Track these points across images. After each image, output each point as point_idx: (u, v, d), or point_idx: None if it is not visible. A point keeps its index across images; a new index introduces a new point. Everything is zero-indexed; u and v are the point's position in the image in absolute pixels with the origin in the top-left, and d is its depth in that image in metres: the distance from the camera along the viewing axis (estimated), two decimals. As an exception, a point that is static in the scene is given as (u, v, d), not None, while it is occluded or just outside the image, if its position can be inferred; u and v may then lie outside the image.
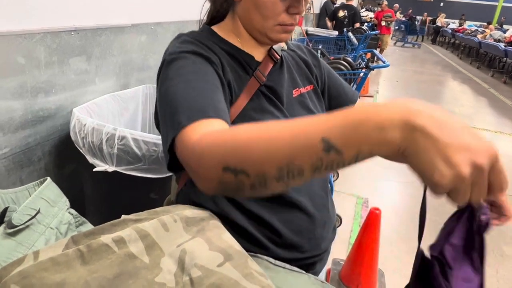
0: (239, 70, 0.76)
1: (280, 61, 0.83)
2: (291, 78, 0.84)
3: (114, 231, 0.38)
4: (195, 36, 0.75)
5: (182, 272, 0.35)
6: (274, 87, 0.79)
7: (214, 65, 0.69)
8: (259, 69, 0.78)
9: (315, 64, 0.93)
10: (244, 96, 0.74)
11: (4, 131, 1.26)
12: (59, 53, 1.41)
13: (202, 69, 0.65)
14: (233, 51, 0.77)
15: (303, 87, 0.86)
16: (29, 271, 0.33)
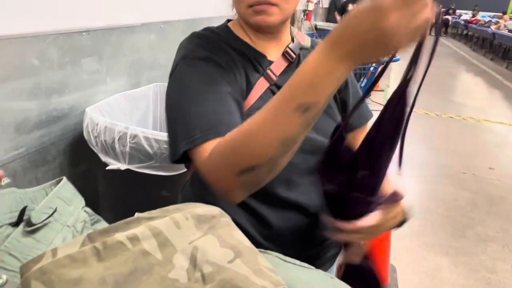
0: (250, 69, 0.75)
1: (297, 60, 0.79)
2: None
3: (128, 229, 0.39)
4: (207, 36, 0.74)
5: (194, 268, 0.36)
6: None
7: (227, 70, 0.69)
8: (270, 68, 0.76)
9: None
10: (252, 95, 0.73)
11: (20, 131, 1.29)
12: (71, 54, 1.43)
13: (215, 79, 0.66)
14: (244, 49, 0.75)
15: None
16: (48, 268, 0.34)
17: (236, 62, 0.72)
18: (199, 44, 0.72)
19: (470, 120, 4.88)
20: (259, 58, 0.76)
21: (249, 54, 0.75)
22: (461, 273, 2.11)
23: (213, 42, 0.73)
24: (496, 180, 3.22)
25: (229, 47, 0.74)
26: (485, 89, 6.86)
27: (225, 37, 0.76)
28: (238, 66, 0.72)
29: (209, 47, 0.71)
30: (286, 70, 0.78)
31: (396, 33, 0.42)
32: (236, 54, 0.73)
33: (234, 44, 0.75)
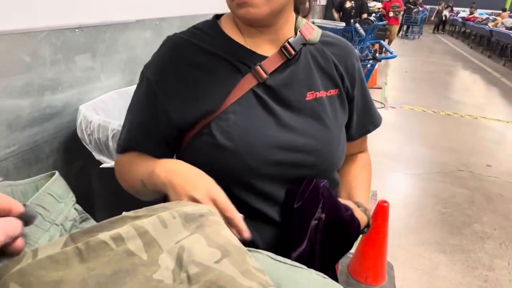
0: (229, 71, 0.69)
1: (297, 56, 0.72)
2: (307, 79, 0.73)
3: (112, 228, 0.38)
4: (182, 39, 0.71)
5: (180, 268, 0.35)
6: (274, 88, 0.70)
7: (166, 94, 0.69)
8: (261, 64, 0.68)
9: (350, 70, 0.78)
10: (232, 97, 0.67)
11: (12, 129, 1.27)
12: (64, 51, 1.41)
13: (145, 103, 0.72)
14: (228, 47, 0.70)
15: (323, 91, 0.74)
16: (27, 269, 0.33)
17: (212, 67, 0.68)
18: (162, 59, 0.70)
19: (467, 118, 4.88)
20: (245, 55, 0.70)
21: (233, 51, 0.70)
22: (459, 270, 2.10)
23: (183, 48, 0.70)
24: (493, 177, 3.23)
25: (211, 47, 0.69)
26: (482, 87, 6.87)
27: (209, 36, 0.71)
28: (216, 69, 0.68)
29: (169, 62, 0.69)
30: (282, 67, 0.70)
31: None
32: (217, 56, 0.69)
33: (217, 43, 0.70)
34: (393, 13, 9.00)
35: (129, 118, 0.75)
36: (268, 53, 0.71)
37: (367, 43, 5.19)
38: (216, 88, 0.68)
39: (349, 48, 0.81)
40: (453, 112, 5.05)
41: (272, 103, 0.69)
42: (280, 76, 0.70)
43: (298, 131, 0.69)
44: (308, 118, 0.71)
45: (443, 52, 10.73)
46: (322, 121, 0.72)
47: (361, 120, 0.83)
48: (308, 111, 0.71)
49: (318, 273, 0.44)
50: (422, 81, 6.74)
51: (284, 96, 0.70)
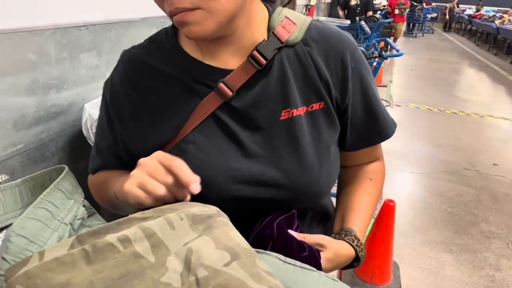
0: (185, 94, 0.59)
1: (268, 65, 0.58)
2: (282, 93, 0.59)
3: (119, 230, 0.37)
4: (135, 58, 0.64)
5: (188, 272, 0.35)
6: (240, 109, 0.58)
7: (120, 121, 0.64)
8: (224, 80, 0.57)
9: (340, 73, 0.62)
10: (189, 124, 0.59)
11: (18, 127, 1.27)
12: (69, 49, 1.41)
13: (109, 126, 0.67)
14: (183, 65, 0.60)
15: (304, 106, 0.60)
16: (34, 272, 0.32)
17: (166, 91, 0.60)
18: (115, 80, 0.65)
19: (474, 116, 4.84)
20: (202, 73, 0.59)
21: (189, 70, 0.60)
22: (465, 270, 2.09)
23: (134, 75, 0.63)
24: (500, 176, 3.20)
25: (165, 65, 0.61)
26: (489, 84, 6.81)
27: (163, 50, 0.62)
28: (171, 93, 0.60)
29: (121, 88, 0.63)
30: (250, 81, 0.58)
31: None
32: (171, 77, 0.60)
33: (172, 60, 0.61)
34: (399, 10, 8.93)
35: (96, 140, 0.71)
36: (231, 65, 0.59)
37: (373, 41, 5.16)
38: (172, 115, 0.59)
39: (341, 41, 0.62)
40: (459, 111, 5.00)
41: (237, 128, 0.59)
42: (248, 94, 0.58)
43: (268, 160, 0.59)
44: (282, 143, 0.59)
45: (449, 50, 10.65)
46: (298, 146, 0.59)
47: (363, 131, 0.68)
48: (282, 134, 0.59)
49: (328, 275, 0.43)
50: (428, 79, 6.69)
51: (253, 117, 0.59)
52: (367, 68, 0.66)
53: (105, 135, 0.68)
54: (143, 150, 0.60)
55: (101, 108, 0.69)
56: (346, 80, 0.62)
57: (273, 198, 0.59)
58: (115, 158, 0.69)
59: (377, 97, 0.68)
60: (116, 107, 0.64)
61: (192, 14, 0.50)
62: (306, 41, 0.61)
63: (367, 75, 0.65)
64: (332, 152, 0.64)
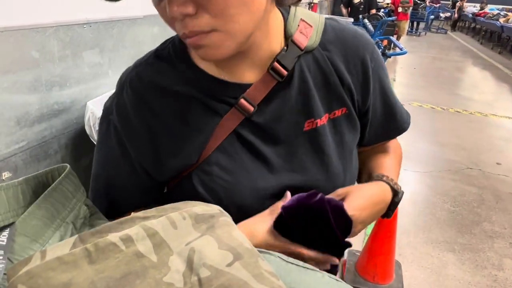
0: (204, 114, 0.55)
1: (289, 76, 0.55)
2: (305, 104, 0.57)
3: (121, 229, 0.37)
4: (142, 81, 0.57)
5: (191, 271, 0.34)
6: (264, 125, 0.56)
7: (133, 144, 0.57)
8: (244, 96, 0.54)
9: (360, 75, 0.60)
10: (211, 144, 0.55)
11: (21, 125, 1.27)
12: (72, 46, 1.41)
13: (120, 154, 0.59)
14: (199, 83, 0.55)
15: (326, 114, 0.58)
16: (35, 271, 0.32)
17: (183, 113, 0.56)
18: (123, 106, 0.57)
19: (477, 115, 4.81)
20: (221, 91, 0.55)
21: (205, 88, 0.55)
22: (467, 269, 2.08)
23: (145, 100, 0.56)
24: (503, 175, 3.18)
25: (179, 86, 0.55)
26: (492, 83, 6.77)
27: (174, 69, 0.56)
28: (188, 115, 0.56)
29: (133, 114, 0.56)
30: (271, 94, 0.55)
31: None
32: (187, 97, 0.55)
33: (186, 79, 0.56)
34: (402, 8, 8.89)
35: (105, 175, 0.62)
36: (250, 79, 0.55)
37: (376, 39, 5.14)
38: (192, 137, 0.56)
39: (360, 41, 0.60)
40: (463, 109, 4.98)
41: (260, 144, 0.56)
42: (269, 107, 0.56)
43: (294, 171, 0.58)
44: (307, 154, 0.58)
45: (453, 48, 10.60)
46: (323, 155, 0.58)
47: (381, 128, 0.67)
48: (306, 145, 0.58)
49: (331, 275, 0.43)
50: (431, 77, 6.66)
51: (275, 131, 0.57)
52: (382, 64, 0.64)
53: (117, 166, 0.59)
54: (163, 175, 0.58)
55: (105, 137, 0.59)
56: (368, 82, 0.61)
57: None
58: (137, 191, 0.61)
59: (393, 92, 0.67)
60: (129, 133, 0.57)
61: (208, 37, 0.46)
62: (324, 45, 0.58)
63: (384, 71, 0.64)
64: (354, 155, 0.64)
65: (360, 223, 0.56)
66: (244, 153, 0.56)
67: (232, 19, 0.45)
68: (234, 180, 0.55)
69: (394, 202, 0.62)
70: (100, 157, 0.62)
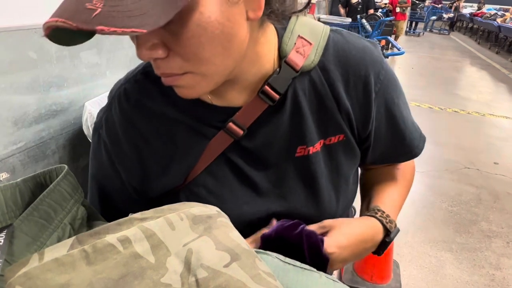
0: (191, 136, 0.54)
1: (282, 100, 0.52)
2: (297, 130, 0.54)
3: (119, 231, 0.37)
4: (130, 100, 0.55)
5: (188, 272, 0.35)
6: (253, 149, 0.54)
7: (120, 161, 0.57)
8: (233, 119, 0.52)
9: (360, 98, 0.55)
10: (198, 166, 0.54)
11: (19, 125, 1.27)
12: (70, 47, 1.41)
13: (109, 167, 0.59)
14: (186, 106, 0.53)
15: (321, 140, 0.56)
16: (33, 272, 0.32)
17: (170, 136, 0.55)
18: (112, 123, 0.56)
19: (474, 114, 4.83)
20: (208, 114, 0.53)
21: (193, 112, 0.53)
22: (465, 269, 2.09)
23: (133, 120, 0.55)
24: (500, 175, 3.19)
25: (166, 108, 0.54)
26: (490, 83, 6.79)
27: (161, 89, 0.53)
28: (175, 137, 0.55)
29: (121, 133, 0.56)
30: (262, 118, 0.52)
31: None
32: (174, 120, 0.54)
33: (172, 100, 0.52)
34: (400, 8, 8.91)
35: (97, 181, 0.62)
36: (239, 102, 0.53)
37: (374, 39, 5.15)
38: (180, 159, 0.55)
39: (365, 60, 0.54)
40: (460, 109, 5.00)
41: (248, 168, 0.55)
42: (259, 132, 0.53)
43: (282, 197, 0.56)
44: (297, 180, 0.56)
45: (451, 48, 10.62)
46: (314, 183, 0.56)
47: (387, 152, 0.63)
48: (297, 171, 0.56)
49: (328, 276, 0.43)
50: (429, 77, 6.67)
51: (265, 156, 0.55)
52: (394, 85, 0.59)
53: (109, 179, 0.60)
54: (152, 192, 0.58)
55: (97, 150, 0.59)
56: (369, 106, 0.56)
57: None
58: (127, 201, 0.61)
59: (405, 116, 0.61)
60: (117, 152, 0.56)
61: (182, 79, 0.43)
62: (323, 64, 0.53)
63: (395, 93, 0.58)
64: (351, 181, 0.61)
65: (340, 261, 0.53)
66: (232, 177, 0.55)
67: (207, 62, 0.42)
68: (221, 204, 0.51)
69: (384, 242, 0.59)
70: (93, 165, 0.62)
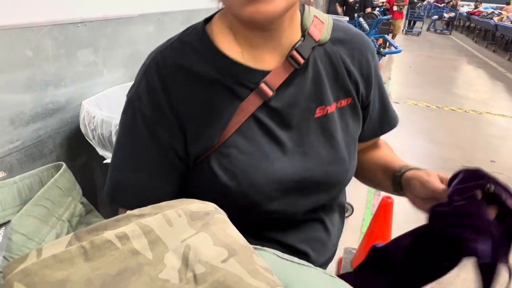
0: (226, 97, 0.58)
1: (305, 65, 0.59)
2: (317, 91, 0.62)
3: (117, 227, 0.37)
4: (169, 62, 0.58)
5: (186, 268, 0.35)
6: (280, 110, 0.59)
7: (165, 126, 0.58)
8: (265, 80, 0.57)
9: (364, 72, 0.67)
10: (230, 127, 0.57)
11: (15, 124, 1.27)
12: (66, 46, 1.41)
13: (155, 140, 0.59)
14: (222, 67, 0.57)
15: (334, 103, 0.63)
16: (31, 269, 0.33)
17: (206, 95, 0.58)
18: (152, 89, 0.57)
19: (471, 113, 4.85)
20: (242, 75, 0.57)
21: (228, 72, 0.58)
22: (462, 266, 2.10)
23: (173, 81, 0.57)
24: (497, 173, 3.20)
25: (204, 70, 0.58)
26: (487, 81, 6.82)
27: (199, 53, 0.58)
28: (211, 97, 0.58)
29: (162, 96, 0.57)
30: (287, 81, 0.59)
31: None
32: (211, 80, 0.57)
33: (210, 63, 0.58)
34: (397, 7, 8.93)
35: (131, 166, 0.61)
36: (270, 65, 0.59)
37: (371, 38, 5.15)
38: (214, 120, 0.58)
39: (363, 42, 0.67)
40: (457, 108, 5.01)
41: (275, 127, 0.59)
42: (285, 93, 0.59)
43: (306, 156, 0.61)
44: (318, 139, 0.62)
45: (448, 47, 10.65)
46: (333, 140, 0.63)
47: (377, 123, 0.74)
48: (318, 131, 0.62)
49: (325, 271, 0.44)
50: (426, 76, 6.69)
51: (290, 116, 0.60)
52: (378, 63, 0.72)
53: (146, 153, 0.59)
54: (188, 157, 0.59)
55: (131, 126, 0.59)
56: (371, 78, 0.67)
57: (311, 190, 0.62)
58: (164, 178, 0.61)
59: (386, 90, 0.75)
60: (159, 117, 0.58)
61: None
62: (334, 41, 0.63)
63: (379, 70, 0.72)
64: (355, 145, 0.69)
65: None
66: (261, 136, 0.59)
67: None
68: (252, 162, 0.57)
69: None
70: (125, 149, 0.61)
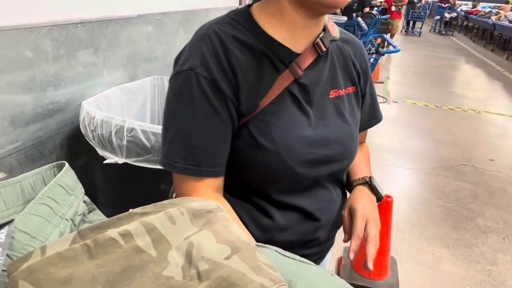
0: (269, 68, 0.67)
1: (325, 53, 0.72)
2: (332, 76, 0.74)
3: (120, 225, 0.37)
4: (224, 33, 0.65)
5: (190, 265, 0.35)
6: (307, 86, 0.70)
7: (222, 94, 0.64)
8: (297, 61, 0.68)
9: (363, 68, 0.81)
10: (268, 96, 0.67)
11: (15, 125, 1.27)
12: (66, 46, 1.41)
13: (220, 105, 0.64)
14: (266, 43, 0.67)
15: (343, 88, 0.76)
16: (36, 267, 0.33)
17: (253, 64, 0.66)
18: (213, 54, 0.64)
19: (470, 112, 4.86)
20: (282, 53, 0.68)
21: (271, 50, 0.67)
22: (461, 265, 2.10)
23: (222, 42, 0.64)
24: (496, 171, 3.22)
25: (252, 42, 0.66)
26: (485, 80, 6.83)
27: (246, 29, 0.67)
28: (256, 66, 0.66)
29: (212, 57, 0.63)
30: (311, 65, 0.70)
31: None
32: (258, 52, 0.66)
33: (256, 38, 0.67)
34: (396, 7, 8.94)
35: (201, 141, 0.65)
36: (299, 49, 0.69)
37: (370, 37, 5.16)
38: (258, 86, 0.66)
39: (361, 45, 0.84)
40: (456, 106, 5.02)
41: (303, 102, 0.70)
42: (309, 74, 0.70)
43: (326, 128, 0.72)
44: (332, 116, 0.73)
45: (446, 46, 10.66)
46: (344, 118, 0.75)
47: (367, 115, 0.87)
48: (331, 109, 0.73)
49: (326, 270, 0.44)
50: (425, 75, 6.70)
51: (313, 94, 0.71)
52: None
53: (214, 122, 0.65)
54: (240, 119, 0.67)
55: (192, 95, 0.63)
56: (367, 74, 0.82)
57: (332, 158, 0.73)
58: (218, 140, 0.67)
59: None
60: (224, 77, 0.64)
61: None
62: (342, 40, 0.78)
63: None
64: (358, 127, 0.80)
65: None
66: (292, 107, 0.69)
67: None
68: (286, 127, 0.67)
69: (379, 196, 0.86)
70: (186, 116, 0.64)
